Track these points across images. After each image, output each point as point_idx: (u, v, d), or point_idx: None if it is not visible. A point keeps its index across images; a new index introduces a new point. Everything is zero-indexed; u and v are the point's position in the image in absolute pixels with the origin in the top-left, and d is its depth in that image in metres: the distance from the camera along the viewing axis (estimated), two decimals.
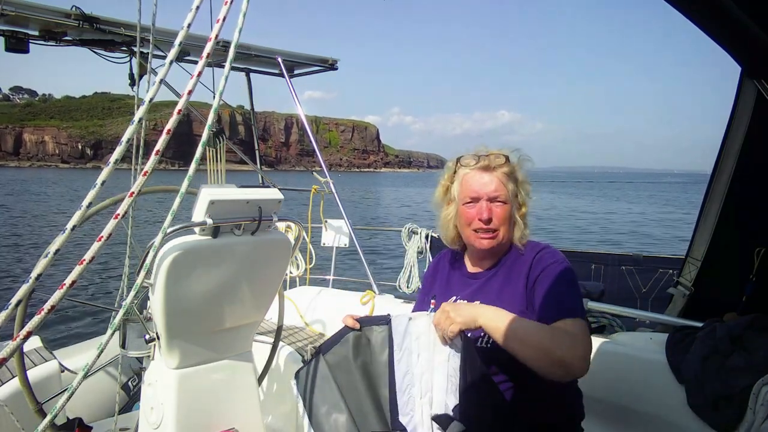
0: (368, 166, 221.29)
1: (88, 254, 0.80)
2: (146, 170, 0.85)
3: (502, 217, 1.50)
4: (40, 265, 0.78)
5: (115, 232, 0.84)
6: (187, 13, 0.87)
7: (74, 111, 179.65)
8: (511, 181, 1.52)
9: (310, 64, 4.08)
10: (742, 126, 2.01)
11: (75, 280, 0.79)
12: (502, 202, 1.50)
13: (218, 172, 1.91)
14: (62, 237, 0.80)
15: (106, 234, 0.82)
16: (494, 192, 1.50)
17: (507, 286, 1.48)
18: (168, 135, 0.86)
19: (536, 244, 1.54)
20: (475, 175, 1.53)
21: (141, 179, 0.85)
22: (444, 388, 1.32)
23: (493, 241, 1.51)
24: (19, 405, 1.88)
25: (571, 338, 1.28)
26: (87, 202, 0.81)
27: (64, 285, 0.78)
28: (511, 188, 1.52)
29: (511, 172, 1.53)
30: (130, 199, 0.86)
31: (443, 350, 1.35)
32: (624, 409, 1.99)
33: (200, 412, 1.79)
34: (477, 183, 1.52)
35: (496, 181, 1.50)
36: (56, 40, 2.98)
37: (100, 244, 0.82)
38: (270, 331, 2.78)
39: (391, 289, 4.14)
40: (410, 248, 4.51)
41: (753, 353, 1.69)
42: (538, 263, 1.46)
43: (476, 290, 1.54)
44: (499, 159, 1.52)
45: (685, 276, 2.31)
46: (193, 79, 0.88)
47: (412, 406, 1.36)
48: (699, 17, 1.57)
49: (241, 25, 0.91)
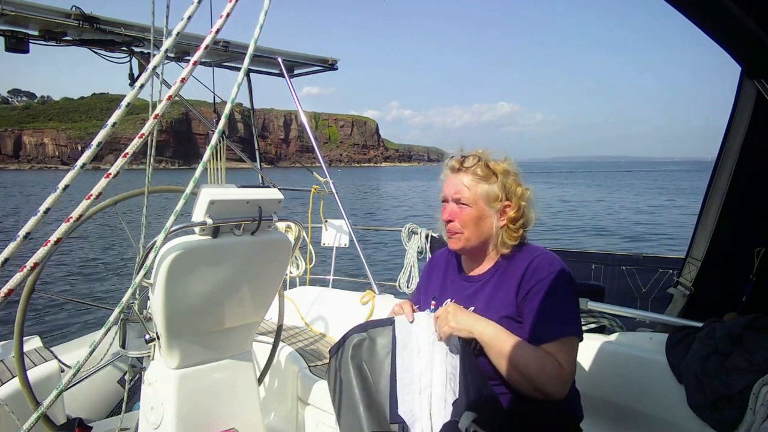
0: (368, 161, 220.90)
1: (76, 212, 0.78)
2: (126, 152, 0.83)
3: (463, 219, 1.49)
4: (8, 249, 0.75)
5: (118, 232, 0.83)
6: (187, 14, 0.87)
7: (73, 112, 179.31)
8: (484, 182, 1.50)
9: (310, 64, 4.09)
10: (742, 126, 2.01)
11: (60, 237, 0.77)
12: (465, 204, 1.49)
13: (218, 170, 1.91)
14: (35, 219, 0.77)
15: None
16: (456, 194, 1.51)
17: (498, 293, 1.47)
18: (155, 120, 0.85)
19: (533, 249, 1.51)
20: (448, 176, 1.56)
21: (120, 160, 0.83)
22: (443, 385, 1.34)
23: (458, 243, 1.52)
24: (19, 405, 1.88)
25: (556, 368, 1.32)
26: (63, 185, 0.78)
27: (49, 242, 0.76)
28: (483, 189, 1.49)
29: (486, 175, 1.50)
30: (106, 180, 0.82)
31: (443, 348, 1.38)
32: (624, 409, 1.99)
33: (200, 412, 1.79)
34: (446, 184, 1.55)
35: (460, 183, 1.51)
36: (56, 40, 2.98)
37: (89, 202, 0.80)
38: (270, 331, 2.78)
39: (391, 289, 4.14)
40: (410, 248, 4.51)
41: (753, 353, 1.69)
42: (533, 274, 1.43)
43: (471, 295, 1.54)
44: (468, 161, 1.52)
45: (685, 276, 2.31)
46: (188, 67, 0.87)
47: (411, 400, 1.37)
48: (699, 17, 1.57)
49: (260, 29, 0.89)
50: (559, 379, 1.33)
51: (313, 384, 2.25)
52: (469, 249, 1.53)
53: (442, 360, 1.37)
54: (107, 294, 9.14)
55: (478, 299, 1.51)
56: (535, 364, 1.31)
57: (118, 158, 0.84)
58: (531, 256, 1.47)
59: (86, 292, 9.21)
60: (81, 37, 3.05)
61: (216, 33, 0.86)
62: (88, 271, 10.96)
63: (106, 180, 0.83)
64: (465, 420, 1.23)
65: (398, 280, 4.45)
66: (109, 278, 10.38)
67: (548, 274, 1.41)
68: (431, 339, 1.41)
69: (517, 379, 1.33)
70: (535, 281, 1.41)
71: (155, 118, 0.85)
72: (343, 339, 1.51)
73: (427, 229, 4.55)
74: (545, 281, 1.40)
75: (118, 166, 0.83)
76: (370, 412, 1.39)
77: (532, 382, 1.31)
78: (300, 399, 2.33)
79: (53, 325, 6.99)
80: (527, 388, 1.33)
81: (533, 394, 1.34)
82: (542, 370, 1.31)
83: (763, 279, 2.06)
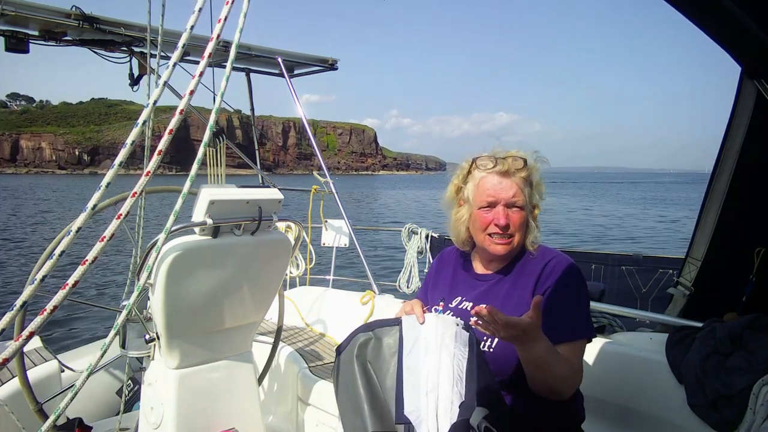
0: (366, 169, 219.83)
1: (91, 254, 0.81)
2: (148, 170, 0.85)
3: (518, 223, 1.47)
4: (45, 267, 0.78)
5: (118, 232, 0.84)
6: (188, 15, 0.87)
7: (71, 117, 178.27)
8: (527, 185, 1.49)
9: (310, 64, 4.09)
10: (742, 126, 2.01)
11: (77, 280, 0.79)
12: (520, 208, 1.47)
13: (218, 175, 1.91)
14: (68, 239, 0.80)
15: (109, 234, 0.82)
16: (512, 198, 1.46)
17: (515, 291, 1.48)
18: (170, 135, 0.86)
19: (548, 251, 1.51)
20: (493, 179, 1.48)
21: (143, 179, 0.85)
22: (450, 386, 1.34)
23: (508, 247, 1.49)
24: (19, 405, 1.88)
25: (571, 370, 1.34)
26: (92, 204, 0.81)
27: (67, 285, 0.78)
28: (527, 192, 1.49)
29: (528, 176, 1.49)
30: (132, 199, 0.86)
31: (450, 349, 1.37)
32: (624, 409, 1.99)
33: (200, 412, 1.79)
34: (494, 188, 1.47)
35: (515, 186, 1.46)
36: (56, 40, 2.98)
37: (103, 245, 0.82)
38: (270, 331, 2.78)
39: (391, 289, 4.14)
40: (410, 248, 4.52)
41: (753, 353, 1.69)
42: (550, 274, 1.43)
43: (483, 293, 1.53)
44: (518, 163, 1.48)
45: (685, 276, 2.31)
46: (194, 79, 0.88)
47: (418, 400, 1.37)
48: (699, 17, 1.57)
49: (242, 25, 0.91)
50: (574, 382, 1.36)
51: (313, 384, 2.25)
52: (511, 252, 1.51)
53: (450, 361, 1.36)
54: (106, 293, 9.14)
55: (491, 297, 1.50)
56: (560, 371, 1.32)
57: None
58: (547, 257, 1.48)
59: (86, 292, 9.20)
60: (81, 37, 3.05)
61: (217, 39, 0.87)
62: (89, 271, 10.94)
63: (132, 199, 0.87)
64: (476, 416, 1.23)
65: (398, 280, 4.45)
66: (108, 278, 10.37)
67: (565, 276, 1.42)
68: (439, 340, 1.40)
69: (537, 382, 1.34)
70: (551, 282, 1.42)
71: (170, 133, 0.86)
72: (350, 338, 1.51)
73: (427, 229, 4.56)
74: (561, 283, 1.41)
75: (142, 185, 0.87)
76: (375, 411, 1.38)
77: (550, 385, 1.33)
78: (300, 399, 2.33)
79: (53, 325, 6.98)
80: (543, 390, 1.34)
81: (547, 395, 1.34)
82: (560, 375, 1.32)
83: (763, 279, 2.06)
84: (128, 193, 0.87)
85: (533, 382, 1.34)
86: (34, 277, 0.79)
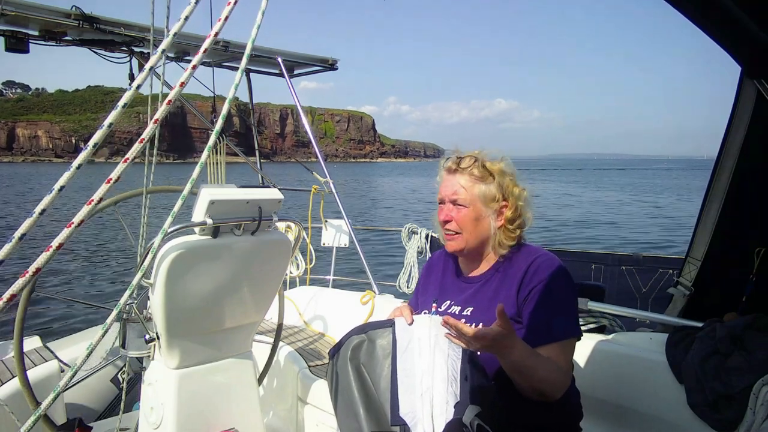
0: (364, 157, 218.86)
1: (77, 217, 0.79)
2: (127, 157, 0.84)
3: (461, 220, 1.49)
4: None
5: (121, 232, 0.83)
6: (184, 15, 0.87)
7: (67, 105, 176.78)
8: (481, 182, 1.49)
9: (310, 64, 4.09)
10: (742, 126, 2.01)
11: (62, 242, 0.77)
12: (462, 206, 1.49)
13: (218, 165, 1.91)
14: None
15: (96, 198, 0.80)
16: (453, 195, 1.50)
17: (501, 291, 1.47)
18: (155, 124, 0.85)
19: (533, 250, 1.51)
20: (444, 177, 1.55)
21: (121, 166, 0.83)
22: (445, 387, 1.34)
23: (455, 244, 1.51)
24: (19, 405, 1.88)
25: (558, 373, 1.34)
26: (59, 186, 0.79)
27: (51, 247, 0.76)
28: (480, 190, 1.49)
29: (483, 175, 1.50)
30: (107, 186, 0.83)
31: (444, 351, 1.37)
32: (624, 409, 1.99)
33: (200, 412, 1.79)
34: (442, 185, 1.55)
35: (458, 183, 1.50)
36: (56, 40, 2.98)
37: (90, 208, 0.80)
38: (270, 331, 2.78)
39: (391, 289, 4.14)
40: (410, 248, 4.51)
41: (753, 353, 1.69)
42: (534, 274, 1.43)
43: (471, 296, 1.54)
44: (464, 161, 1.51)
45: (685, 276, 2.31)
46: (187, 71, 0.87)
47: (413, 402, 1.37)
48: (699, 17, 1.57)
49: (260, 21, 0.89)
50: (561, 383, 1.35)
51: (312, 384, 2.25)
52: (467, 250, 1.53)
53: (444, 362, 1.36)
54: (107, 294, 9.14)
55: (477, 300, 1.51)
56: (540, 373, 1.32)
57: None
58: (531, 257, 1.47)
59: (86, 292, 9.20)
60: (81, 37, 3.05)
61: (215, 36, 0.86)
62: (88, 271, 10.96)
63: (107, 185, 0.84)
64: (469, 413, 1.23)
65: (398, 280, 4.45)
66: (109, 278, 10.37)
67: (549, 275, 1.41)
68: (432, 341, 1.40)
69: (521, 384, 1.34)
70: (536, 282, 1.41)
71: (155, 122, 0.85)
72: (342, 341, 1.51)
73: (427, 229, 4.56)
74: (546, 282, 1.40)
75: (119, 172, 0.83)
76: (369, 413, 1.38)
77: (536, 388, 1.33)
78: (300, 399, 2.33)
79: (53, 324, 6.98)
80: (528, 392, 1.34)
81: (533, 397, 1.35)
82: (547, 378, 1.32)
83: (763, 279, 2.06)
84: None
85: (518, 386, 1.35)
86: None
